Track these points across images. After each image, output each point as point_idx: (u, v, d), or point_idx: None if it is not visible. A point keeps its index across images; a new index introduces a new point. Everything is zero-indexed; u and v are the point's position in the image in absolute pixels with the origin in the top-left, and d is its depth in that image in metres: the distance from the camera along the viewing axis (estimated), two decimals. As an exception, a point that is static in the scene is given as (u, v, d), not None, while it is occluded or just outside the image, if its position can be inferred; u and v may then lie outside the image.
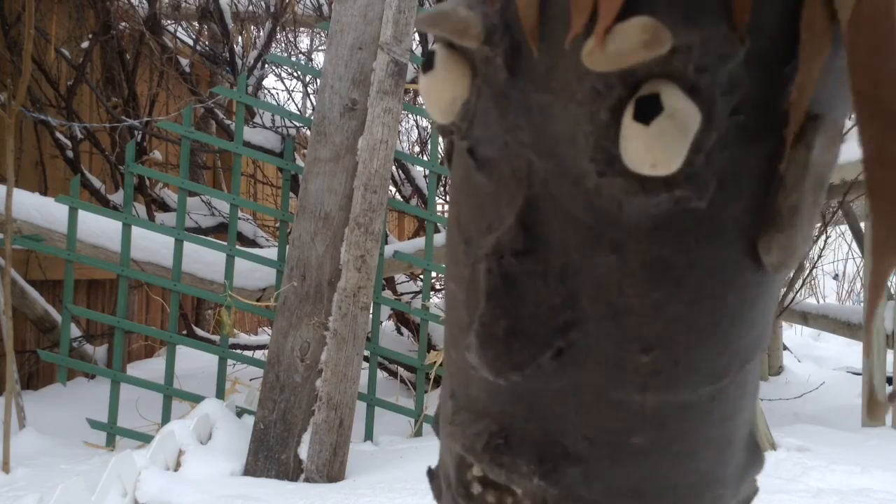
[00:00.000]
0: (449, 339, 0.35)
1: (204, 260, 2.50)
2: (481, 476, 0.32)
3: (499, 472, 0.31)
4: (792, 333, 5.72)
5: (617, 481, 0.31)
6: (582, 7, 0.25)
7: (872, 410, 2.78)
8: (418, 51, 3.54)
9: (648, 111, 0.25)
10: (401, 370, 3.15)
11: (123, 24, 3.40)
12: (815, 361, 4.72)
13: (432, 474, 0.39)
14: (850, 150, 3.02)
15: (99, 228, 2.40)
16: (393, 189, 3.45)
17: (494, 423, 0.31)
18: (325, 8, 3.86)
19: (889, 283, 3.18)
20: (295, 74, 4.08)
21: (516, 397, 0.31)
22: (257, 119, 3.15)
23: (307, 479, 2.02)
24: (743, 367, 0.31)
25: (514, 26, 0.28)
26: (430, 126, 2.66)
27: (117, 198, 3.33)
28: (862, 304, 3.03)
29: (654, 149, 0.25)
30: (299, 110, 4.11)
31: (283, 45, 4.19)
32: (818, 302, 6.38)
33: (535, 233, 0.29)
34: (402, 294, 3.45)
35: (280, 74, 4.18)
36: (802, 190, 0.28)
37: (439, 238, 2.61)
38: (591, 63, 0.25)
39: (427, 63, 0.31)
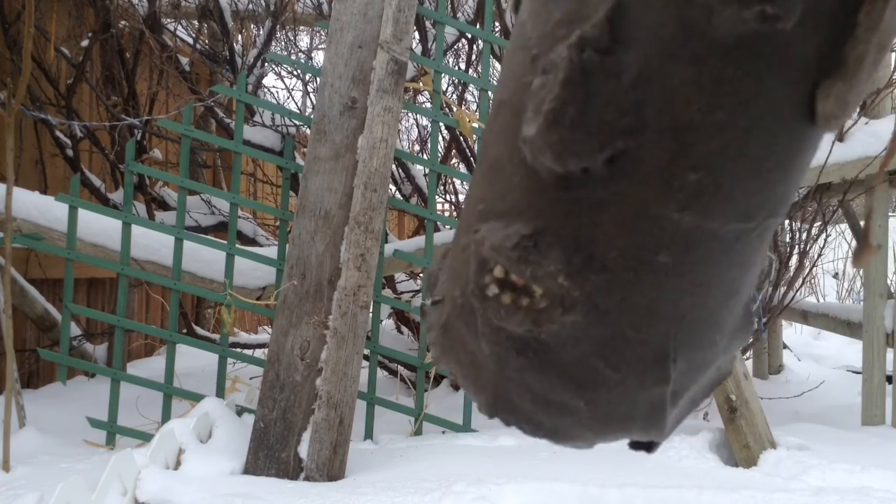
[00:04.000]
0: (496, 150, 0.35)
1: (204, 259, 2.50)
2: (501, 277, 0.33)
3: (523, 270, 0.32)
4: (792, 332, 5.72)
5: (633, 296, 0.32)
6: None
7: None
8: (418, 49, 3.54)
9: None
10: (401, 369, 3.15)
11: (123, 22, 3.40)
12: (815, 360, 4.72)
13: (425, 312, 0.40)
14: (850, 150, 2.99)
15: (99, 227, 2.40)
16: (393, 188, 3.45)
17: (526, 227, 0.32)
18: (325, 6, 3.86)
19: (889, 283, 3.17)
20: (295, 73, 4.08)
21: (555, 202, 0.32)
22: (257, 118, 3.15)
23: (307, 478, 2.02)
24: (766, 220, 0.32)
25: None
26: (429, 125, 2.66)
27: (117, 196, 3.33)
28: (862, 303, 3.03)
29: None
30: (299, 109, 4.11)
31: (282, 43, 4.19)
32: (818, 301, 6.38)
33: (620, 34, 0.29)
34: (402, 293, 3.45)
35: (280, 73, 4.18)
36: (870, 43, 0.28)
37: (439, 237, 2.61)
38: None
39: None
